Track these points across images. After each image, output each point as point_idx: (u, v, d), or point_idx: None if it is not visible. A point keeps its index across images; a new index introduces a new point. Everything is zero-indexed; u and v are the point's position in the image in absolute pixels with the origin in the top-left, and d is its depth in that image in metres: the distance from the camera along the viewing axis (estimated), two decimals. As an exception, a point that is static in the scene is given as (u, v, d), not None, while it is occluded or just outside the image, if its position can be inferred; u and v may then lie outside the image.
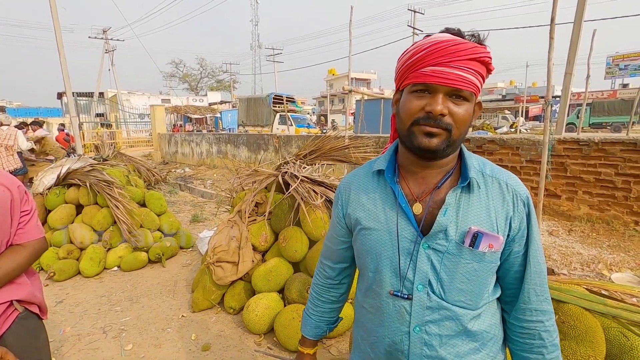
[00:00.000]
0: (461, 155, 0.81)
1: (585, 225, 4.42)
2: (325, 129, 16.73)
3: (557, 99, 10.06)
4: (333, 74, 47.76)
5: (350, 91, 6.00)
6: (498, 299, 0.84)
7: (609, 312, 1.36)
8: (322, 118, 21.50)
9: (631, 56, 29.23)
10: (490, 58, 0.72)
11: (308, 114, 22.91)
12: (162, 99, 29.23)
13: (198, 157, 12.10)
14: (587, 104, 19.26)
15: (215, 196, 7.20)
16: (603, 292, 1.60)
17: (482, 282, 0.76)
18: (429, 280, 0.76)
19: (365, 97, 12.04)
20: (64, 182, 3.78)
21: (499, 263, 0.77)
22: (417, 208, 0.78)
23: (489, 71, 0.74)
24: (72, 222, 3.61)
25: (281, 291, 2.52)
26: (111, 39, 24.47)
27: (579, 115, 15.41)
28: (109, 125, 18.28)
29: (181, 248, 3.97)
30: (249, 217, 2.72)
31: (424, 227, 0.77)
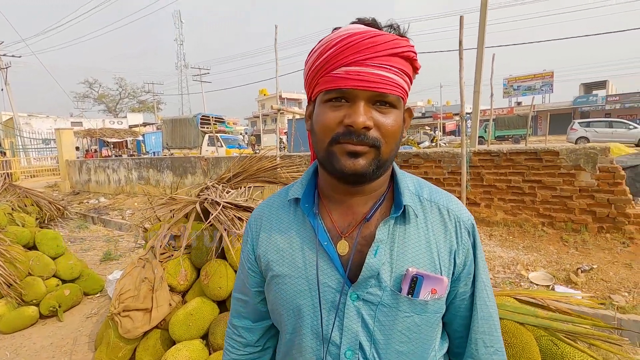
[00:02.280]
0: (394, 177, 0.66)
1: (503, 230, 4.79)
2: (257, 150, 16.40)
3: (469, 115, 11.19)
4: (264, 94, 47.79)
5: (279, 110, 5.89)
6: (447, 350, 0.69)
7: (541, 324, 1.34)
8: (253, 138, 21.06)
9: (522, 78, 34.42)
10: (415, 53, 0.58)
11: (240, 134, 22.36)
12: (72, 122, 26.19)
13: (115, 184, 10.90)
14: (492, 120, 21.93)
15: (135, 228, 6.44)
16: (530, 299, 1.62)
17: (426, 339, 0.61)
18: (360, 343, 0.58)
19: (297, 117, 12.10)
20: None
21: (444, 311, 0.63)
22: (343, 247, 0.61)
23: (415, 70, 0.60)
24: None
25: (206, 336, 2.18)
26: (4, 55, 21.44)
27: (486, 129, 17.40)
28: (2, 153, 15.73)
29: (86, 295, 3.35)
30: (163, 254, 2.36)
31: (352, 271, 0.60)
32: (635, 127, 15.94)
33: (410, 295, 0.58)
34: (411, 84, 0.61)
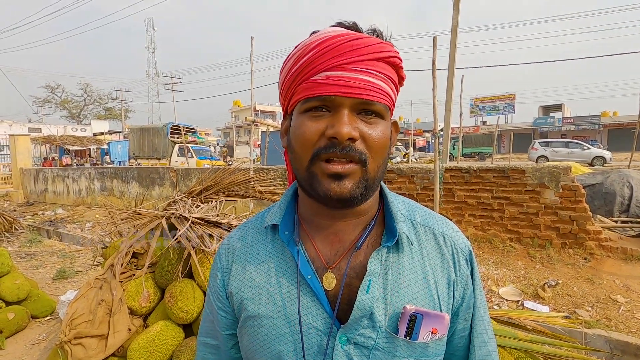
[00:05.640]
0: (383, 198, 0.60)
1: (473, 245, 4.89)
2: (231, 162, 16.09)
3: (440, 132, 11.59)
4: (238, 106, 47.48)
5: (253, 122, 5.79)
6: None
7: (522, 347, 1.32)
8: (225, 149, 20.67)
9: (487, 99, 36.41)
10: (401, 60, 0.54)
11: (210, 145, 21.94)
12: (29, 128, 24.69)
13: (75, 195, 10.25)
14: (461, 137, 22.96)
15: (94, 242, 6.02)
16: (508, 320, 1.60)
17: None
18: None
19: (271, 129, 12.02)
20: None
21: (444, 353, 0.57)
22: (329, 280, 0.53)
23: (400, 79, 0.55)
24: None
25: (168, 364, 2.01)
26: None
27: (455, 146, 18.11)
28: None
29: (34, 318, 3.04)
30: (124, 273, 2.18)
31: (341, 309, 0.52)
32: (589, 148, 17.15)
33: (408, 337, 0.51)
34: (397, 94, 0.56)
